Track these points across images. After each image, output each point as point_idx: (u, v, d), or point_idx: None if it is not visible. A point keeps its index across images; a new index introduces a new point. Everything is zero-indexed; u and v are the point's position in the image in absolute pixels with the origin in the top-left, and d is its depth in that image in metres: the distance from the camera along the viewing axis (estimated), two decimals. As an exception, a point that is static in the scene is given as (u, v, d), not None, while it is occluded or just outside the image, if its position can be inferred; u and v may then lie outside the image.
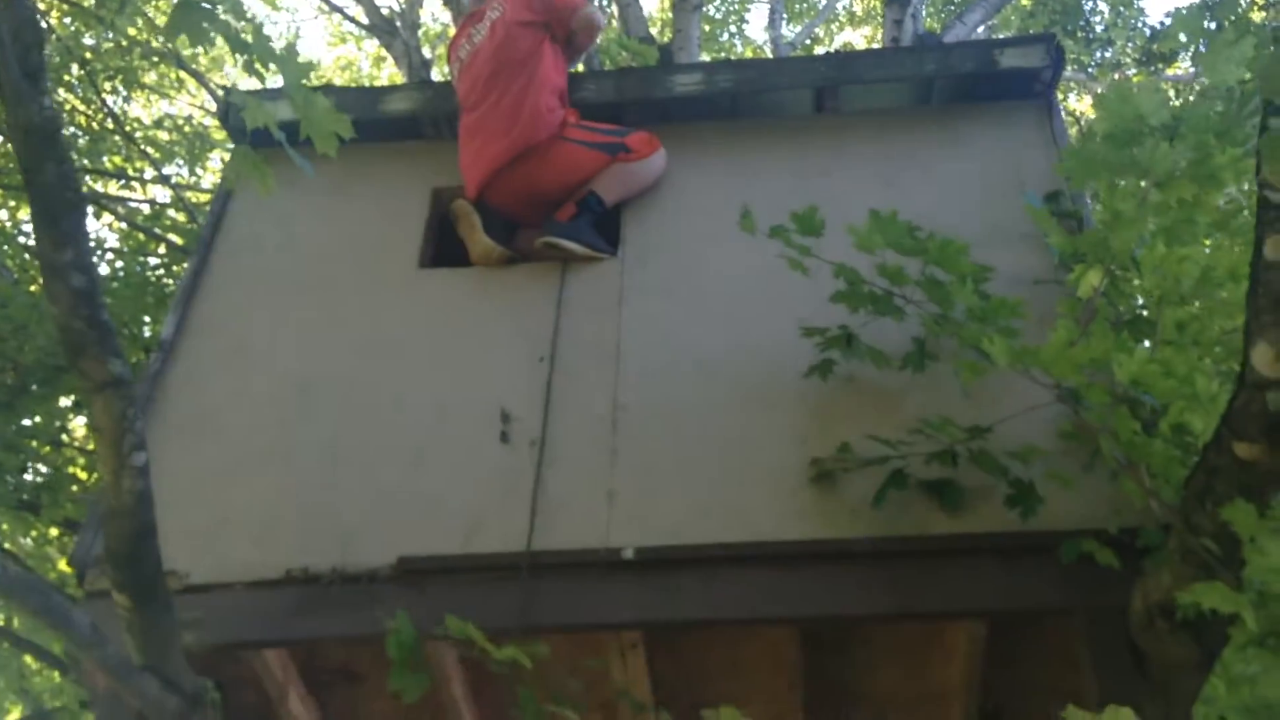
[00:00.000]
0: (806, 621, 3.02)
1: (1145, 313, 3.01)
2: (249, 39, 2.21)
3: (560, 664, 2.86)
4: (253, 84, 5.54)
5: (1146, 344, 2.97)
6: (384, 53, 12.47)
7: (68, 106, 8.54)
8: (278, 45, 2.33)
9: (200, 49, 2.15)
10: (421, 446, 3.22)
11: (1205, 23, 2.60)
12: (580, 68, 4.42)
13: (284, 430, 3.31)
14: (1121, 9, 12.37)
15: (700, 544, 2.93)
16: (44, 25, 7.84)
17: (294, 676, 3.27)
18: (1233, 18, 2.59)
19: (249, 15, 2.25)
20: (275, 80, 3.90)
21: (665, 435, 3.16)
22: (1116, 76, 11.29)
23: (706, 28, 13.08)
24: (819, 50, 14.54)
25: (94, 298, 2.19)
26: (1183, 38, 2.63)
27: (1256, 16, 10.25)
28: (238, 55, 2.24)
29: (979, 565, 2.83)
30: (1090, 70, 11.80)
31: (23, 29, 2.03)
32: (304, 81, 2.32)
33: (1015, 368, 2.67)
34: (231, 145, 4.39)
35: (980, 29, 9.61)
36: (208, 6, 2.13)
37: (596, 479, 3.10)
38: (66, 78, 8.32)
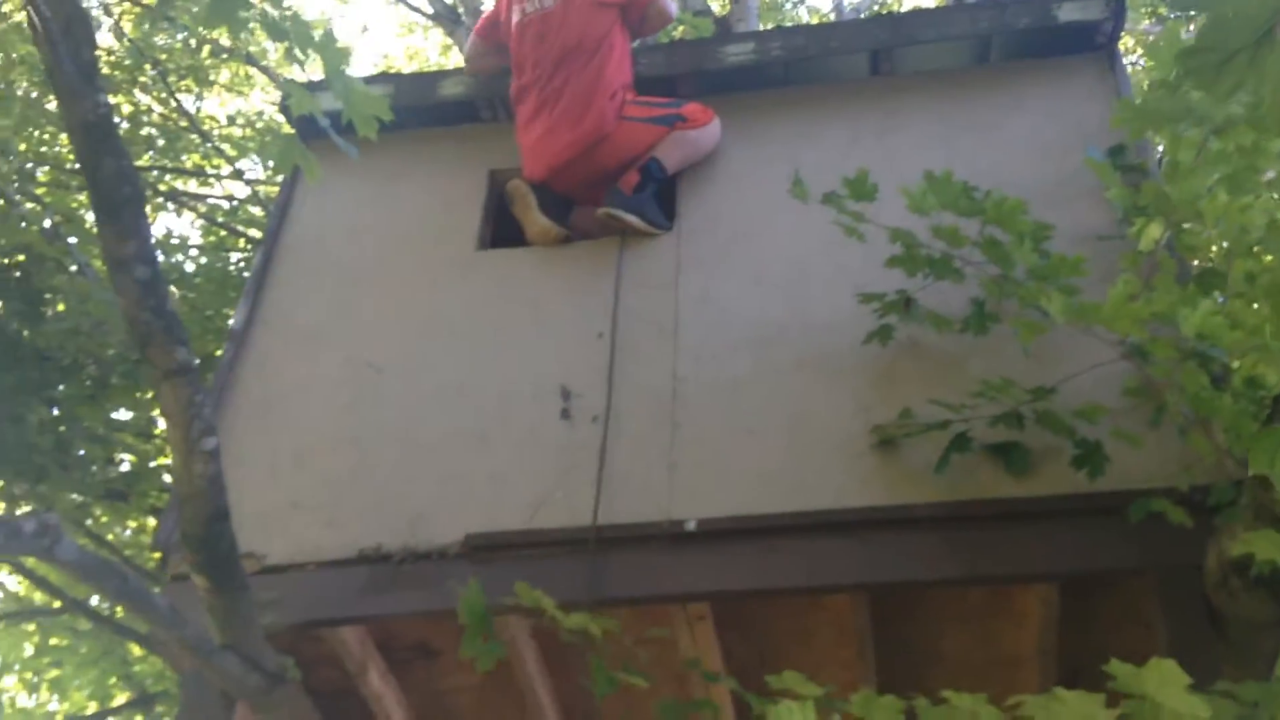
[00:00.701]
0: (873, 589, 3.01)
1: (1211, 264, 2.92)
2: (288, 26, 2.25)
3: (629, 637, 2.88)
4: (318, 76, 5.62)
5: (1217, 297, 2.88)
6: (449, 40, 12.58)
7: (144, 107, 8.77)
8: (340, 36, 2.37)
9: (271, 45, 2.21)
10: (486, 426, 3.26)
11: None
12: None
13: (352, 414, 3.38)
14: (1198, -44, 11.97)
15: (763, 514, 2.93)
16: (116, 26, 8.06)
17: (372, 653, 3.35)
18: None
19: (285, 4, 2.28)
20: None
21: (725, 407, 3.16)
22: (1192, 27, 10.91)
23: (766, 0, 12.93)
24: (884, 14, 14.32)
25: (158, 288, 2.25)
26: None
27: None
28: (276, 43, 2.28)
29: (1047, 528, 2.79)
30: (1170, 17, 11.43)
31: (74, 25, 2.09)
32: (342, 67, 2.35)
33: (1075, 324, 2.61)
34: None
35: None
36: (244, -4, 2.17)
37: (658, 452, 3.11)
38: (141, 78, 8.54)
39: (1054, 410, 2.80)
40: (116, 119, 3.83)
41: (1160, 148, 3.29)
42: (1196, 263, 3.04)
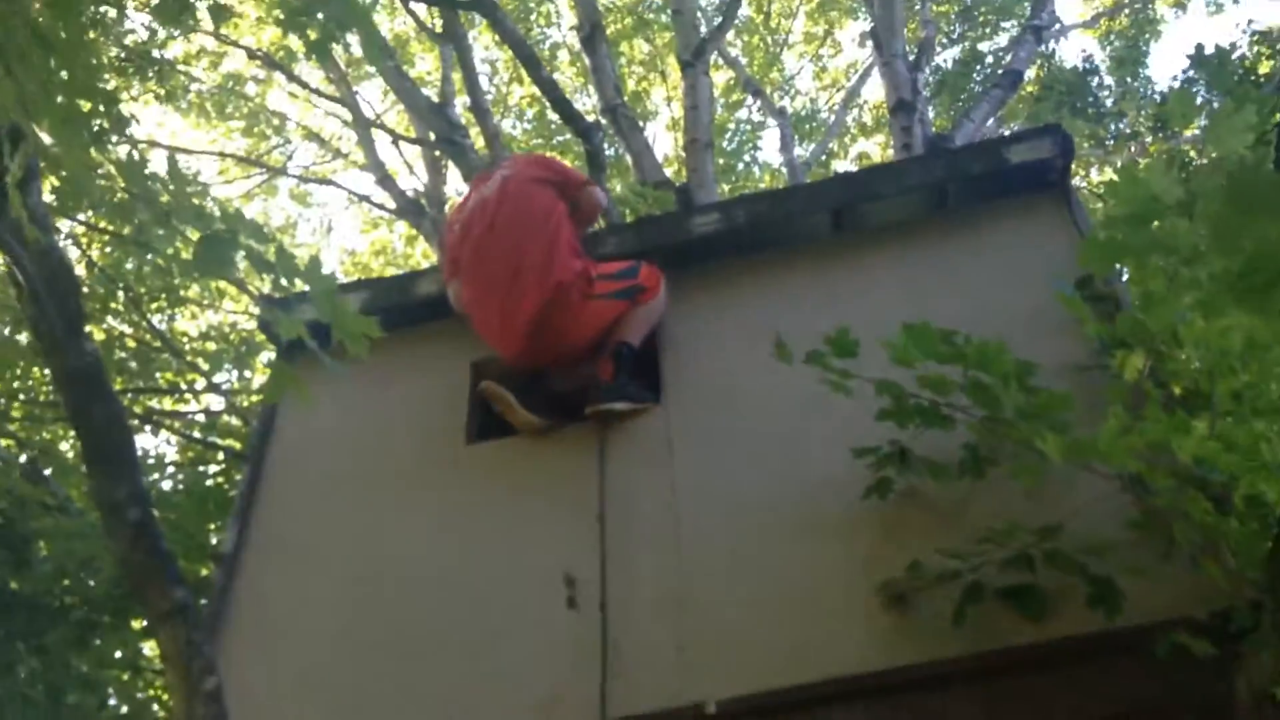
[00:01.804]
0: (906, 752, 2.91)
1: (1196, 386, 2.95)
2: (272, 259, 2.30)
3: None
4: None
5: (1207, 420, 2.90)
6: (415, 232, 12.87)
7: (115, 332, 8.86)
8: (305, 249, 2.42)
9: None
10: (492, 625, 3.21)
11: (1201, 98, 2.62)
12: (601, 222, 4.52)
13: (354, 630, 3.31)
14: (1128, 80, 12.50)
15: (782, 688, 2.86)
16: (86, 258, 8.21)
17: None
18: (1228, 89, 2.60)
19: (269, 234, 2.34)
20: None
21: (732, 579, 3.13)
22: (1132, 147, 11.33)
23: (721, 161, 13.36)
24: (836, 165, 14.80)
25: (152, 529, 2.24)
26: (1182, 115, 2.65)
27: (1265, 68, 10.30)
28: (264, 275, 2.32)
29: (1071, 672, 2.73)
30: (1107, 144, 11.85)
31: (58, 278, 2.13)
32: (329, 290, 2.39)
33: (1073, 462, 2.62)
34: (274, 349, 4.51)
35: (989, 121, 9.74)
36: (229, 237, 2.22)
37: (667, 633, 3.06)
38: (113, 305, 8.66)
39: (1062, 549, 2.77)
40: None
41: (1125, 277, 3.36)
42: (1173, 387, 3.06)
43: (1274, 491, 2.63)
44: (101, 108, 2.14)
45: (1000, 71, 10.81)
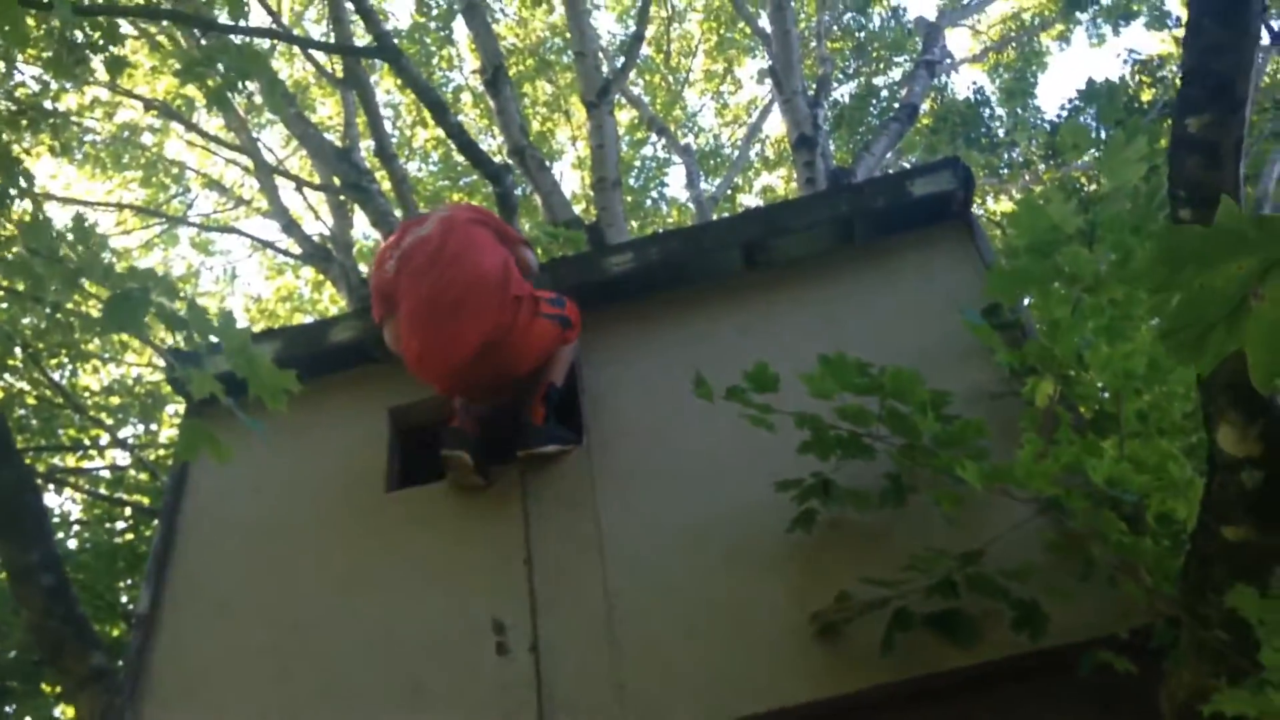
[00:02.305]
0: (839, 785, 2.93)
1: (1104, 408, 3.04)
2: (184, 314, 2.25)
3: None
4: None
5: (1112, 439, 2.99)
6: (322, 277, 12.70)
7: (14, 389, 8.56)
8: (214, 299, 2.37)
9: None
10: (419, 674, 3.15)
11: (1092, 129, 2.71)
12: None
13: (277, 684, 3.23)
14: (1019, 110, 12.92)
15: (720, 723, 2.86)
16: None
17: None
18: (1118, 120, 2.70)
19: (181, 293, 2.29)
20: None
21: (663, 615, 3.12)
22: (1026, 176, 11.69)
23: (629, 198, 13.46)
24: (742, 199, 15.01)
25: (66, 594, 2.16)
26: (1074, 145, 2.74)
27: (1146, 95, 10.73)
28: (176, 332, 2.27)
29: (1002, 694, 2.78)
30: (1001, 173, 12.22)
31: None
32: (243, 346, 2.34)
33: (991, 488, 2.67)
34: (183, 403, 4.40)
35: (888, 154, 9.97)
36: (140, 295, 2.17)
37: (602, 674, 3.04)
38: (11, 361, 8.38)
39: (985, 573, 2.83)
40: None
41: (1027, 304, 3.46)
42: (1082, 410, 3.16)
43: (1183, 509, 2.72)
44: None
45: (896, 105, 11.10)
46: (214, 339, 2.35)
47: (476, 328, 3.50)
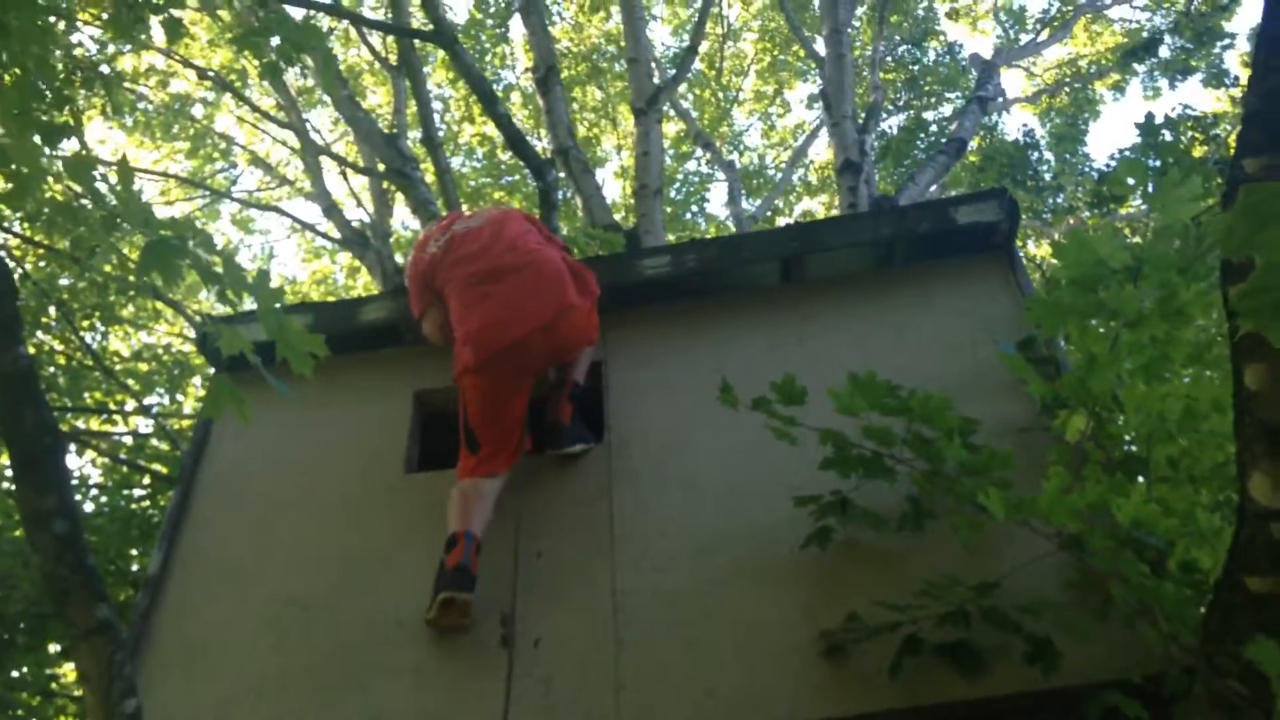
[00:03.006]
0: (835, 806, 2.88)
1: (1135, 450, 3.00)
2: (220, 269, 2.25)
3: None
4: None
5: (1141, 481, 2.94)
6: (358, 263, 12.77)
7: (45, 348, 8.63)
8: (250, 269, 2.37)
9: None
10: (420, 658, 3.13)
11: (1149, 164, 2.68)
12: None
13: (279, 656, 3.22)
14: (1067, 156, 12.84)
15: (716, 734, 2.83)
16: (19, 271, 8.01)
17: None
18: (1174, 157, 2.67)
19: (219, 247, 2.29)
20: (250, 303, 3.96)
21: (669, 620, 3.10)
22: (1071, 221, 11.61)
23: (669, 209, 13.47)
24: (781, 221, 14.98)
25: (78, 543, 2.15)
26: (1130, 181, 2.70)
27: (1198, 152, 10.65)
28: (211, 285, 2.27)
29: (1006, 729, 2.73)
30: (1045, 217, 12.14)
31: (-7, 275, 2.06)
32: (276, 306, 2.34)
33: (1014, 520, 2.63)
34: (211, 371, 4.41)
35: (933, 188, 9.93)
36: (178, 243, 2.17)
37: (603, 673, 3.01)
38: (44, 319, 8.44)
39: (999, 606, 2.78)
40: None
41: (1064, 341, 3.41)
42: (1111, 450, 3.11)
43: (1208, 558, 2.67)
44: (52, 106, 2.08)
45: (945, 140, 11.05)
46: (247, 300, 2.34)
47: (550, 301, 3.51)
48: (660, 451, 3.56)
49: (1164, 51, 12.63)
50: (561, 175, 8.71)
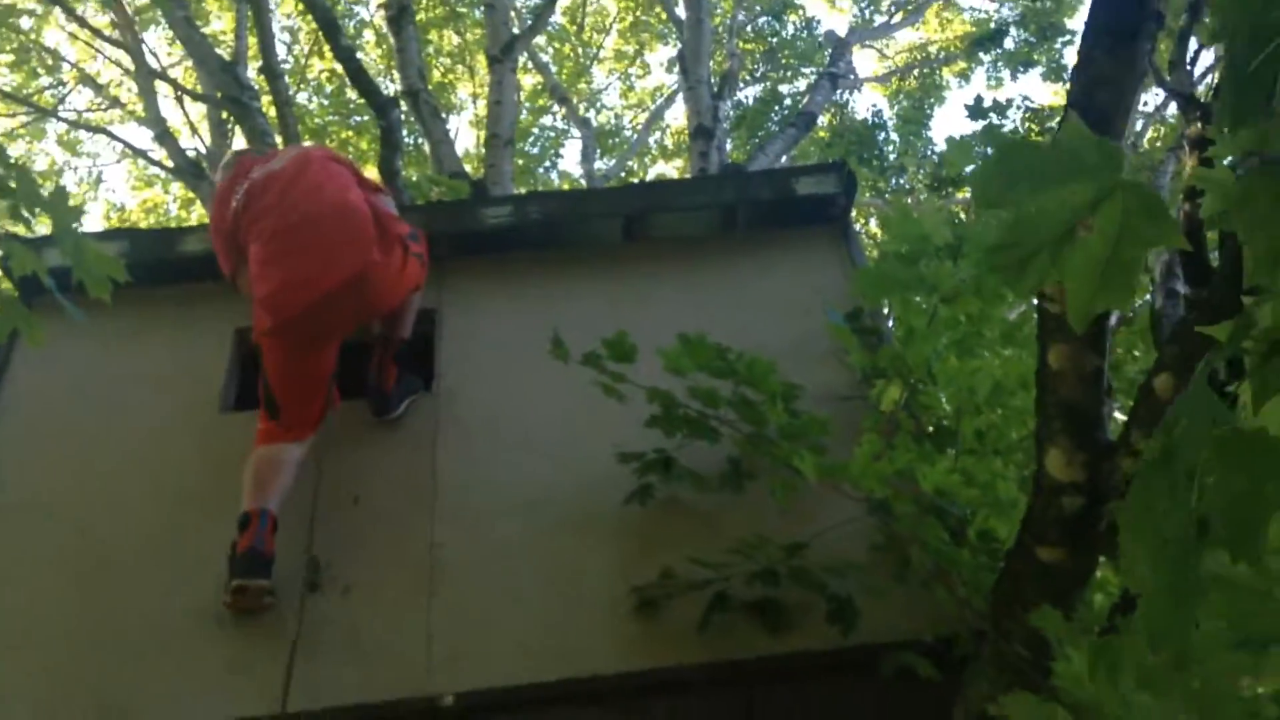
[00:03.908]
0: (638, 757, 2.92)
1: (945, 422, 3.11)
2: (13, 184, 2.10)
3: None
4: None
5: (949, 452, 3.06)
6: (192, 195, 12.23)
7: None
8: (75, 192, 2.23)
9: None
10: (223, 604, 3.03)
11: (977, 149, 2.76)
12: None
13: (78, 593, 3.07)
14: (912, 138, 13.21)
15: (523, 685, 2.83)
16: None
17: None
18: (1000, 141, 2.74)
19: (13, 160, 2.13)
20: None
21: (485, 573, 3.08)
22: (910, 201, 11.96)
23: (521, 163, 13.31)
24: (635, 183, 14.99)
25: None
26: (962, 164, 2.79)
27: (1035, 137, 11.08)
28: (2, 199, 2.12)
29: (804, 685, 2.82)
30: (885, 196, 12.47)
31: None
32: (74, 225, 2.20)
33: (826, 482, 2.70)
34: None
35: (783, 159, 10.07)
36: (-34, 152, 2.02)
37: (414, 624, 2.97)
38: None
39: (807, 566, 2.86)
40: None
41: (888, 312, 3.52)
42: (923, 421, 3.23)
43: (1005, 529, 2.80)
44: None
45: (797, 113, 11.22)
46: (42, 216, 2.20)
47: (353, 256, 3.25)
48: (490, 403, 3.52)
49: (1009, 43, 13.07)
50: (411, 120, 8.51)
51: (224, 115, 10.38)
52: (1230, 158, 1.36)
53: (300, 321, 3.21)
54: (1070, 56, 13.10)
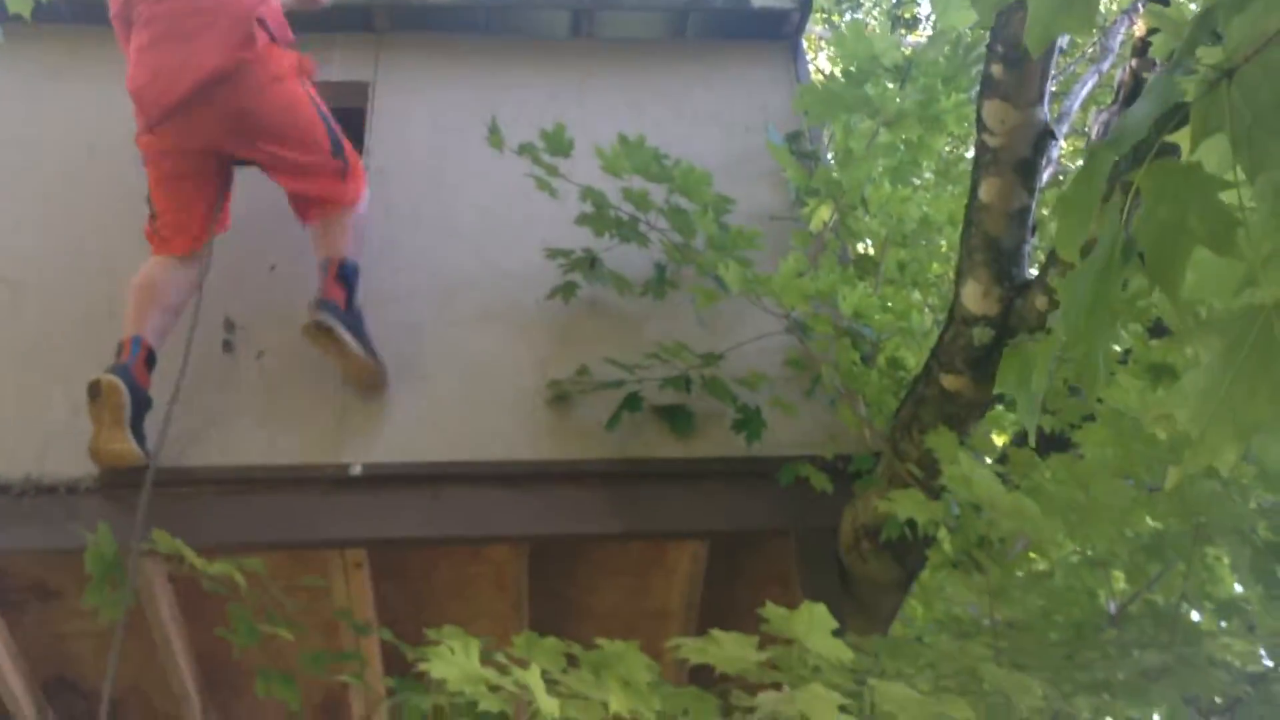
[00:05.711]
0: (534, 541, 3.02)
1: (871, 251, 3.16)
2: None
3: (280, 583, 2.75)
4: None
5: (872, 280, 3.11)
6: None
7: None
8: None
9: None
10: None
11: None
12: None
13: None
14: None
15: (431, 461, 2.88)
16: None
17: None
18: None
19: None
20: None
21: (403, 353, 3.08)
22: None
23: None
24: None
25: None
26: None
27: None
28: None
29: (704, 488, 2.91)
30: (840, 29, 12.24)
31: None
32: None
33: (747, 294, 2.74)
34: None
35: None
36: None
37: (329, 394, 2.99)
38: None
39: (720, 376, 2.92)
40: None
41: (829, 137, 3.51)
42: (860, 247, 3.27)
43: (914, 358, 2.88)
44: None
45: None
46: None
47: (215, 51, 2.94)
48: (419, 184, 3.46)
49: None
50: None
51: None
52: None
53: (168, 120, 2.97)
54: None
